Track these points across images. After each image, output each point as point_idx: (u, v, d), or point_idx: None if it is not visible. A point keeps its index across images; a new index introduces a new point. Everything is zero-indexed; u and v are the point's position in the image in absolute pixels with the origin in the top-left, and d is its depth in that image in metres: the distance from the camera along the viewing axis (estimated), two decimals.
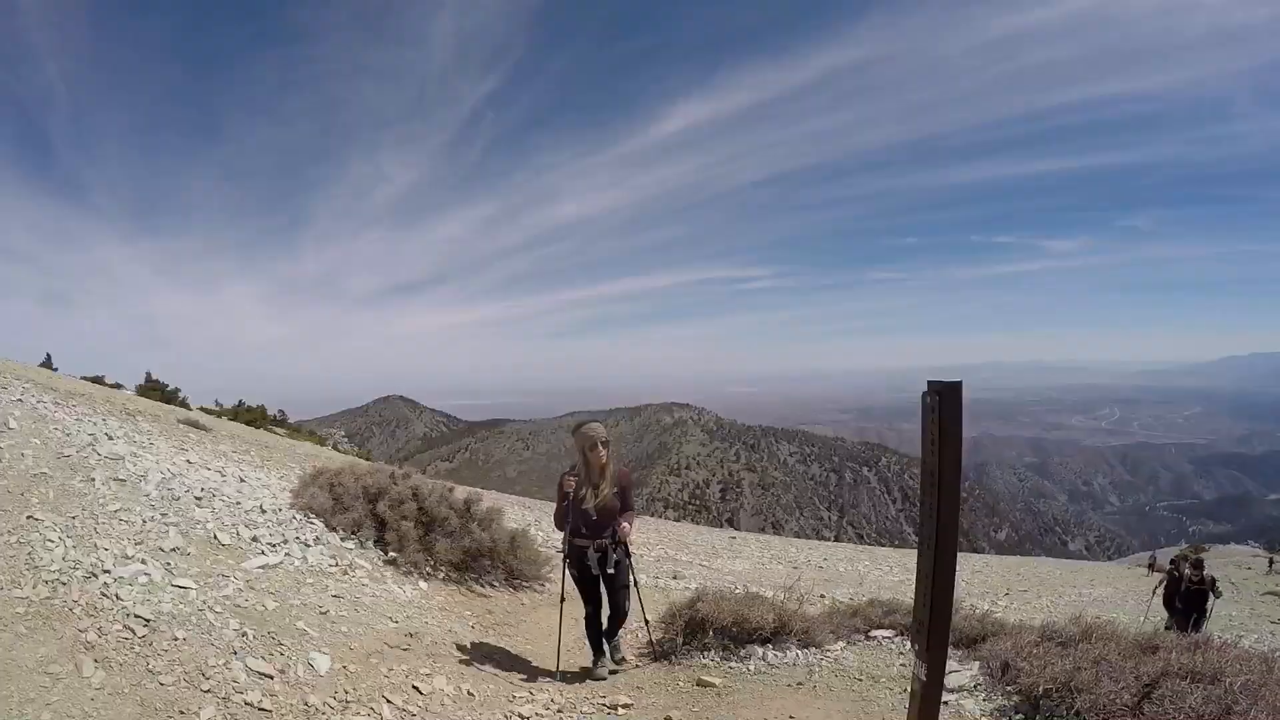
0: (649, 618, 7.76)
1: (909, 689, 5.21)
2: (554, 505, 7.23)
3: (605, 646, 7.34)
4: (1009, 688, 6.07)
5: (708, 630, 7.46)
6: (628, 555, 7.21)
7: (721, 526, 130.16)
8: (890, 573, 22.04)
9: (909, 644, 7.66)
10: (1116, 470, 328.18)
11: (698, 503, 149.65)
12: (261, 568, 6.76)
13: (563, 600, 7.12)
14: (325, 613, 6.39)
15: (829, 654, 7.30)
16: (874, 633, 8.01)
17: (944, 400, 4.09)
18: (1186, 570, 15.19)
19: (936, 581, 4.57)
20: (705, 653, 7.31)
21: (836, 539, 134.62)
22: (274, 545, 7.39)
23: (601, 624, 7.29)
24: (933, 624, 4.68)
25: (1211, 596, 14.86)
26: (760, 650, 7.27)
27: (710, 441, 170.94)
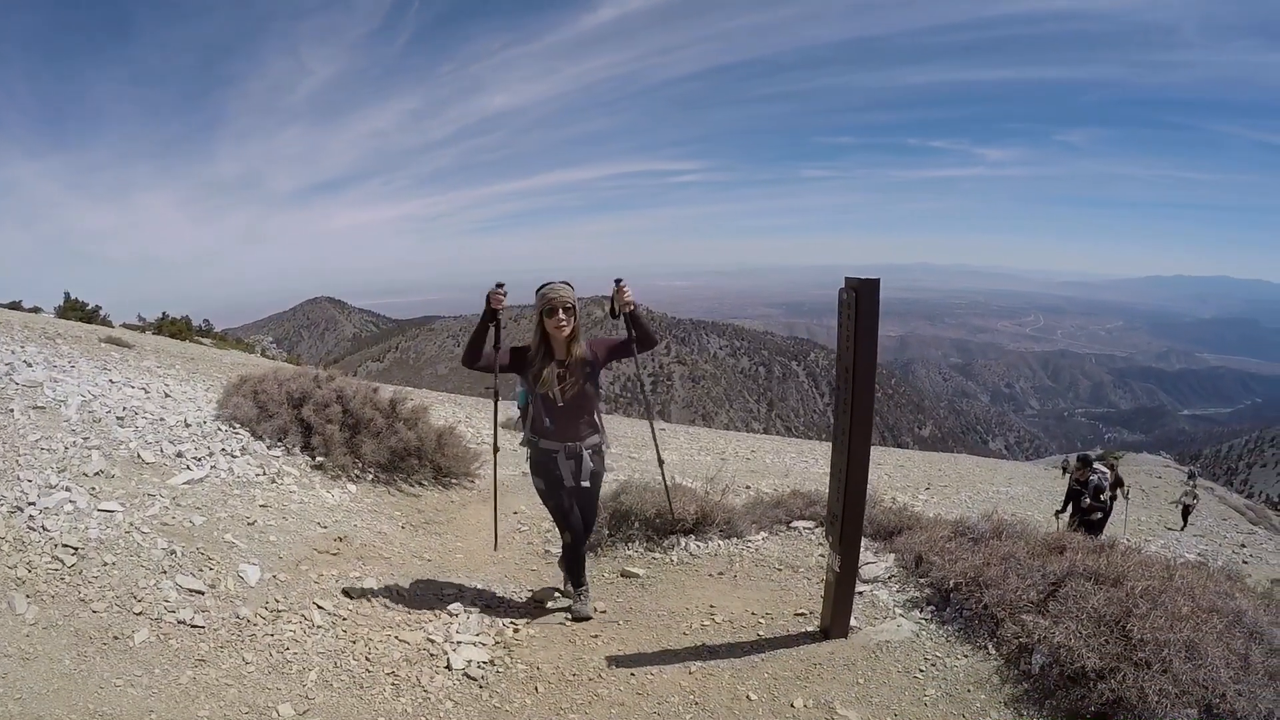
0: None
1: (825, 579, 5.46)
2: (487, 401, 6.38)
3: (585, 576, 6.21)
4: (921, 580, 6.32)
5: (632, 522, 7.66)
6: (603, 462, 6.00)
7: (653, 416, 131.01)
8: (815, 464, 22.43)
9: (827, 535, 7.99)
10: (1038, 375, 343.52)
11: (629, 395, 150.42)
12: (187, 483, 6.67)
13: (496, 506, 6.22)
14: (253, 523, 6.37)
15: (750, 544, 7.53)
16: (795, 523, 8.23)
17: (861, 296, 4.17)
18: (1073, 464, 14.98)
19: (850, 476, 4.75)
20: (630, 544, 7.54)
21: (765, 431, 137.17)
22: (199, 459, 7.29)
23: (583, 553, 6.13)
24: (846, 517, 4.89)
25: (1121, 496, 15.17)
26: (683, 541, 7.51)
27: None
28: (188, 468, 7.03)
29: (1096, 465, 13.60)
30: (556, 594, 6.50)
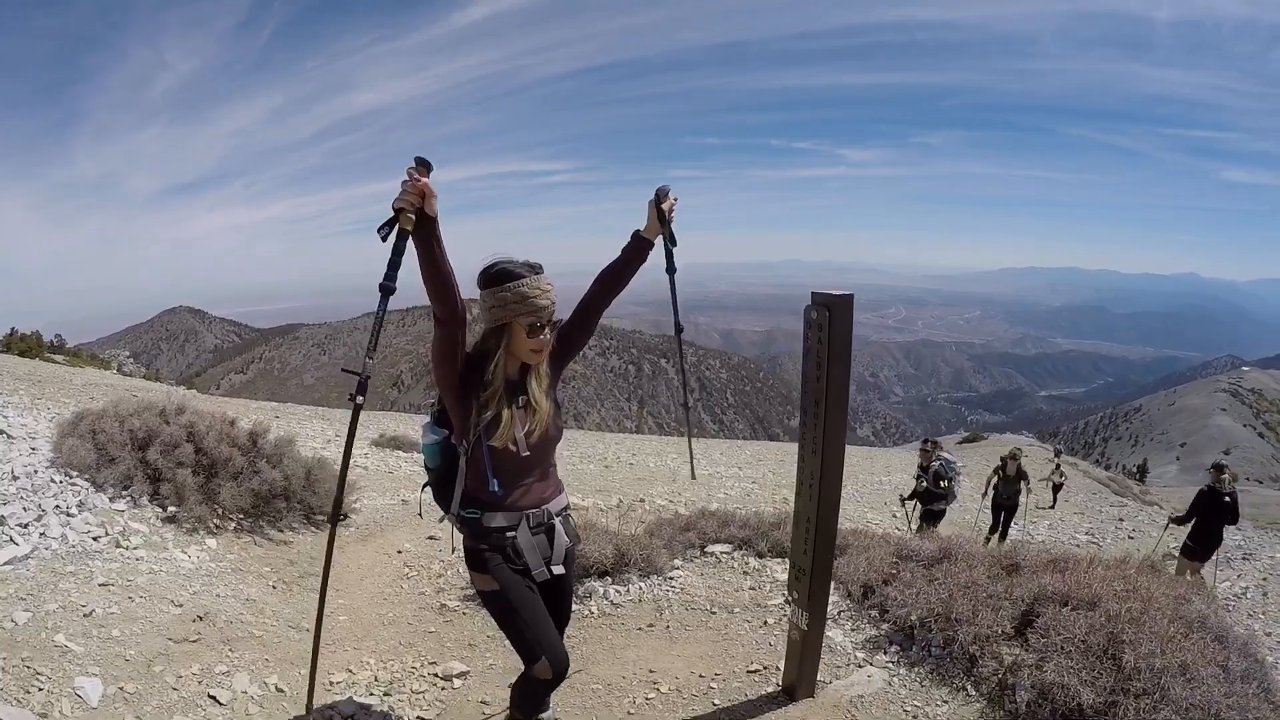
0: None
1: (786, 633, 4.77)
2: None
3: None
4: (873, 612, 5.80)
5: None
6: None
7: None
8: (700, 466, 22.01)
9: (751, 559, 7.33)
10: (901, 364, 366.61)
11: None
12: (8, 563, 5.33)
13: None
14: (91, 614, 5.04)
15: (673, 582, 6.80)
16: (711, 548, 7.66)
17: (834, 315, 3.47)
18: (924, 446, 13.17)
19: (820, 525, 4.03)
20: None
21: (638, 430, 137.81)
22: (25, 526, 5.88)
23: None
24: (814, 572, 4.18)
25: (1025, 489, 14.80)
26: (600, 588, 6.66)
27: None
28: (12, 539, 5.64)
29: (941, 454, 12.56)
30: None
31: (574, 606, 5.77)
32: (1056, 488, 24.48)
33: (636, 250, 3.77)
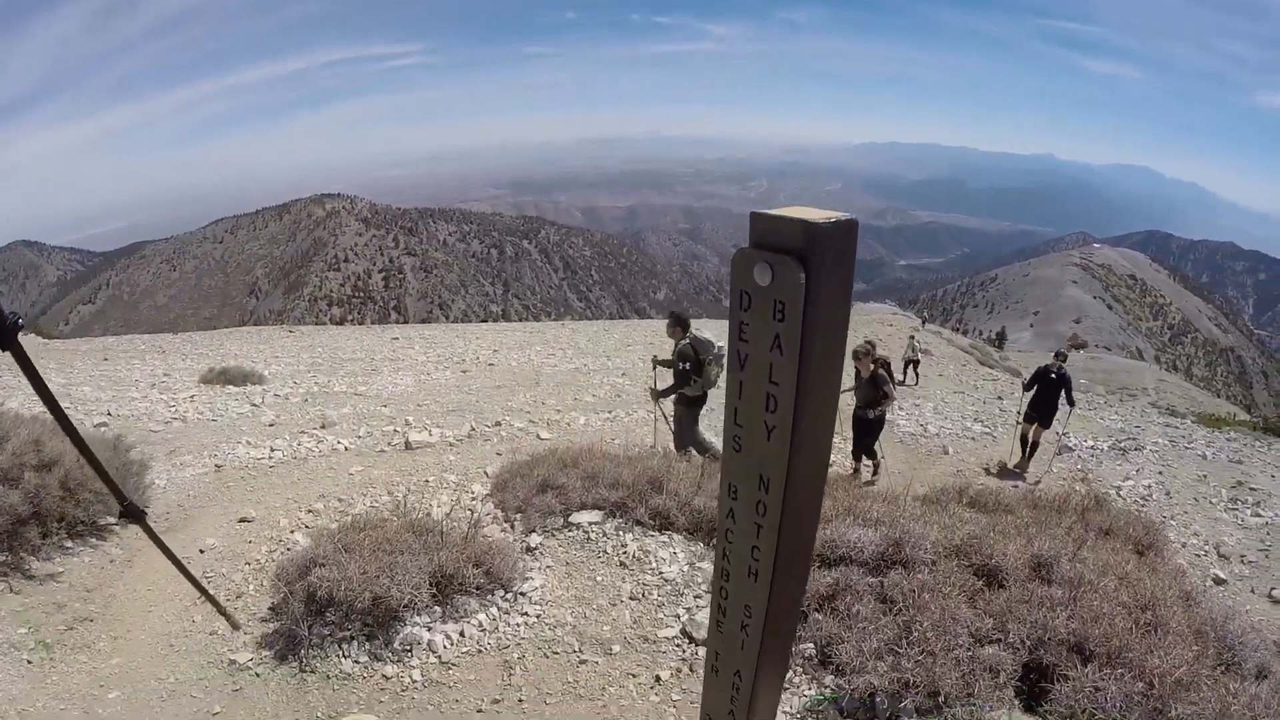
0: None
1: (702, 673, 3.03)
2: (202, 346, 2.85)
3: None
4: (807, 650, 4.18)
5: (340, 606, 4.68)
6: None
7: (388, 317, 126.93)
8: (566, 359, 20.22)
9: (627, 537, 5.81)
10: None
11: (361, 295, 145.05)
12: None
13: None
14: None
15: (526, 601, 5.04)
16: (576, 517, 6.11)
17: (815, 257, 1.40)
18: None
19: (770, 626, 2.07)
20: (343, 648, 4.61)
21: (504, 313, 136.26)
22: None
23: None
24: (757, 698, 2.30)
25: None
26: (423, 632, 4.68)
27: (366, 230, 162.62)
28: None
29: (694, 332, 8.72)
30: None
31: (387, 666, 4.35)
32: (914, 365, 23.54)
33: None
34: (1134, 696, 3.33)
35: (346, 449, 9.35)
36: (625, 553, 5.57)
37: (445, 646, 4.61)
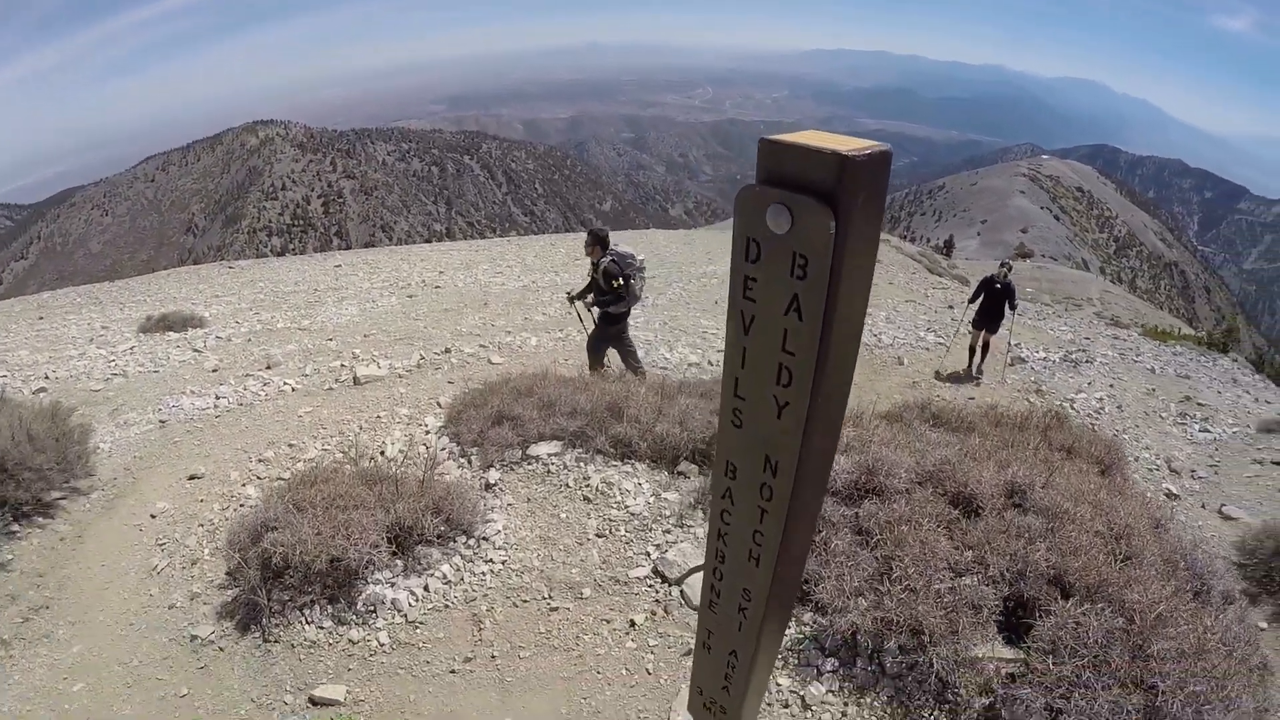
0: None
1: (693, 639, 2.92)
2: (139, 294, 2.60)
3: None
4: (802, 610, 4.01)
5: (297, 570, 4.44)
6: None
7: (330, 244, 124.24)
8: (514, 277, 19.67)
9: (589, 469, 5.67)
10: (710, 144, 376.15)
11: (301, 223, 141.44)
12: None
13: None
14: None
15: (490, 550, 4.85)
16: (534, 449, 5.90)
17: (847, 198, 1.13)
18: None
19: (760, 654, 1.95)
20: (307, 610, 4.42)
21: (448, 232, 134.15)
22: None
23: None
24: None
25: None
26: (384, 591, 4.48)
27: (303, 156, 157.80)
28: None
29: (616, 249, 8.89)
30: None
31: (352, 630, 4.22)
32: None
33: None
34: (1115, 632, 3.30)
35: (294, 389, 9.04)
36: (588, 485, 5.43)
37: (411, 604, 4.45)
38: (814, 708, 3.44)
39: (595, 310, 8.93)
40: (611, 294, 8.31)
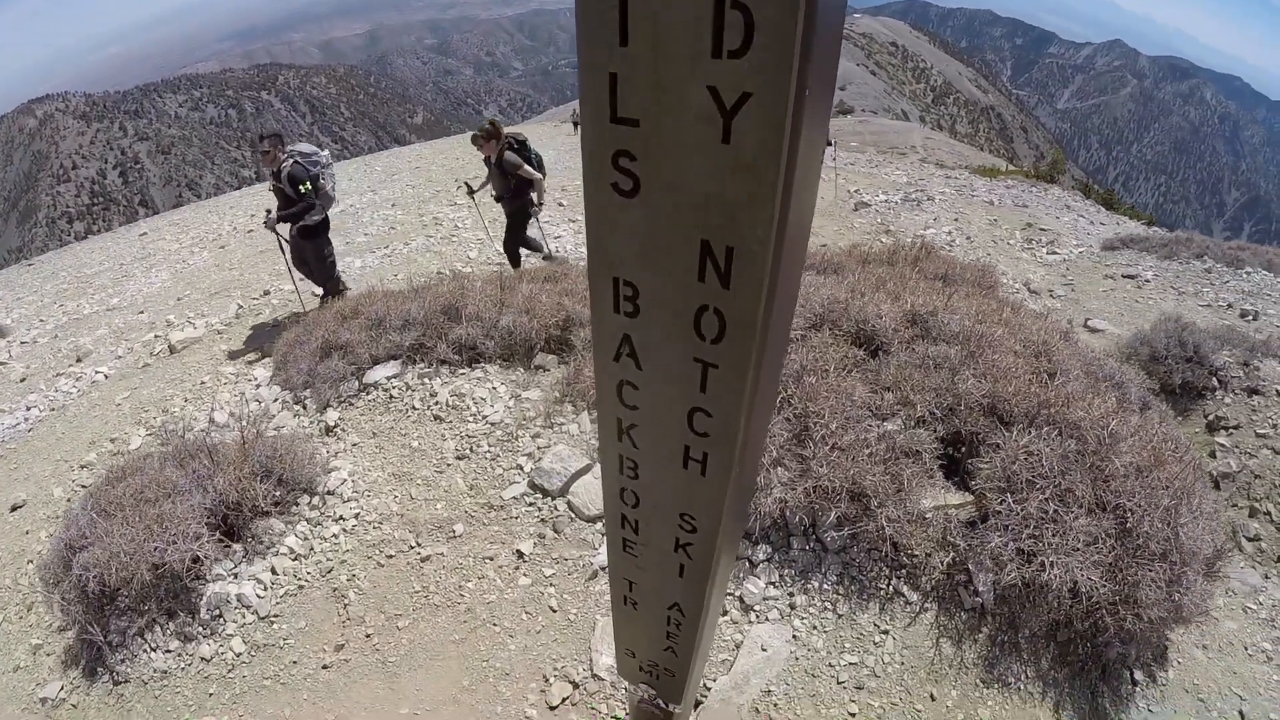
0: None
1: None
2: None
3: None
4: None
5: (129, 589, 3.61)
6: None
7: (136, 215, 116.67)
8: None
9: (435, 384, 5.12)
10: (516, 38, 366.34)
11: (102, 200, 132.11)
12: None
13: None
14: None
15: (340, 499, 4.14)
16: (372, 375, 5.25)
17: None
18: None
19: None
20: (148, 634, 3.63)
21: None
22: None
23: None
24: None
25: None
26: (227, 589, 3.73)
27: (89, 127, 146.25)
28: None
29: (294, 148, 7.96)
30: None
31: (204, 650, 3.56)
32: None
33: None
34: (1070, 456, 2.96)
35: (107, 377, 8.05)
36: (437, 403, 4.80)
37: (259, 596, 3.72)
38: (756, 608, 2.97)
39: (287, 229, 7.90)
40: (301, 202, 7.37)
